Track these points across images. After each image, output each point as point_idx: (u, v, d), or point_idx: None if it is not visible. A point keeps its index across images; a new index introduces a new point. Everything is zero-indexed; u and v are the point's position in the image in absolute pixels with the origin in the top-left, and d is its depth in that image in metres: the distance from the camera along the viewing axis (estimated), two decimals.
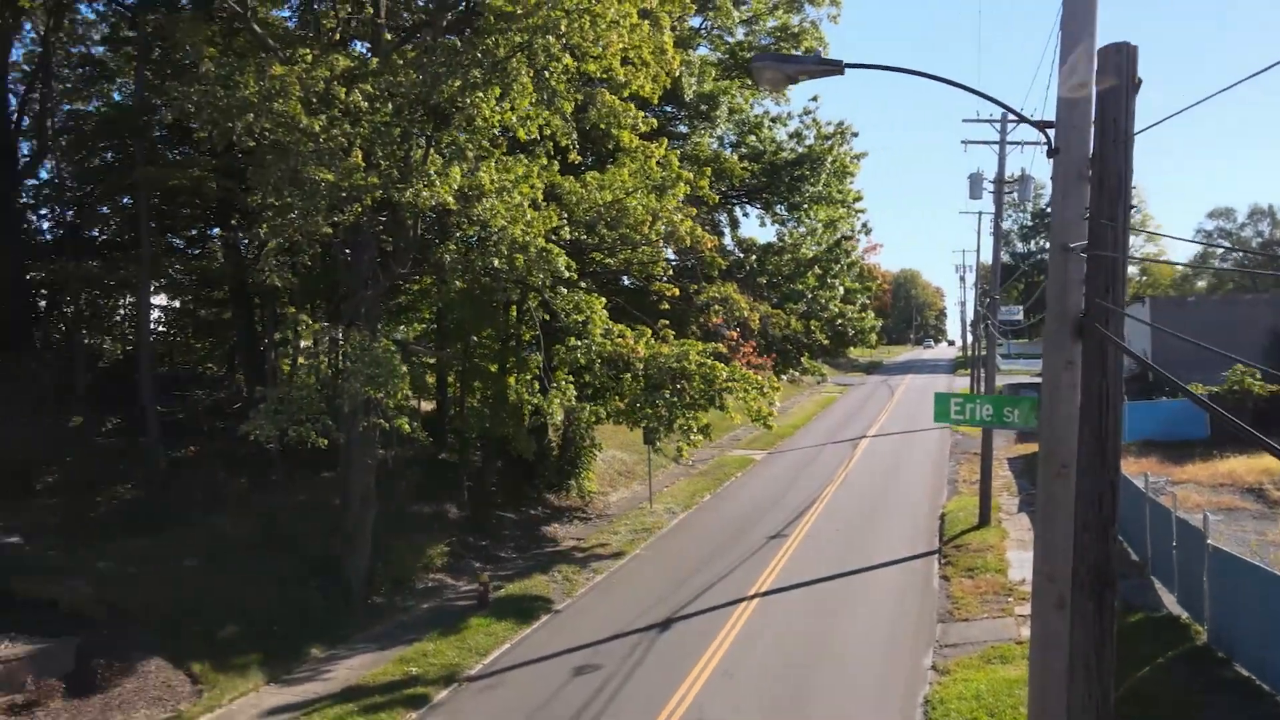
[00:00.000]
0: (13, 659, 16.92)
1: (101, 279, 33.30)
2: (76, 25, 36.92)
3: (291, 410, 18.35)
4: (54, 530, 22.56)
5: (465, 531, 29.20)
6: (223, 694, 17.90)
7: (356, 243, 23.63)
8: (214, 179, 27.33)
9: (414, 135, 21.24)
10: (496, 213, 21.53)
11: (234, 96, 19.33)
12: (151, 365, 29.13)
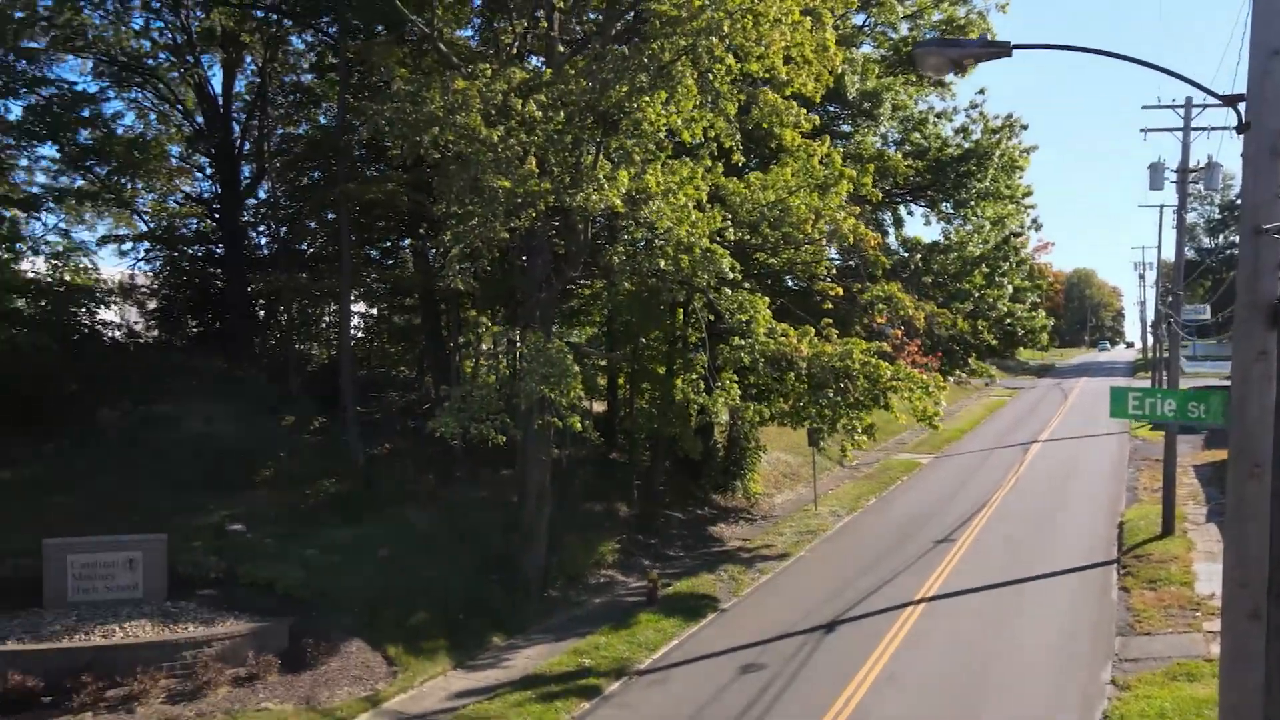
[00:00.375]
0: (237, 635, 18.06)
1: (309, 289, 35.32)
2: (289, 56, 39.38)
3: (473, 408, 18.76)
4: (270, 520, 23.91)
5: (634, 530, 29.28)
6: (414, 676, 18.48)
7: (531, 247, 24.01)
8: (405, 192, 28.38)
9: (584, 142, 21.37)
10: (662, 214, 21.36)
11: (421, 111, 20.03)
12: (352, 369, 30.55)
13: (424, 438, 31.58)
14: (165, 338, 39.49)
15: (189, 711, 16.31)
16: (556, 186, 20.02)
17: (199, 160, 41.28)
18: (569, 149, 20.88)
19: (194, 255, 42.18)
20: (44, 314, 30.30)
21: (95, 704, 16.15)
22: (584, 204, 20.05)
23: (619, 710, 17.27)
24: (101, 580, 18.90)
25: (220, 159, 38.71)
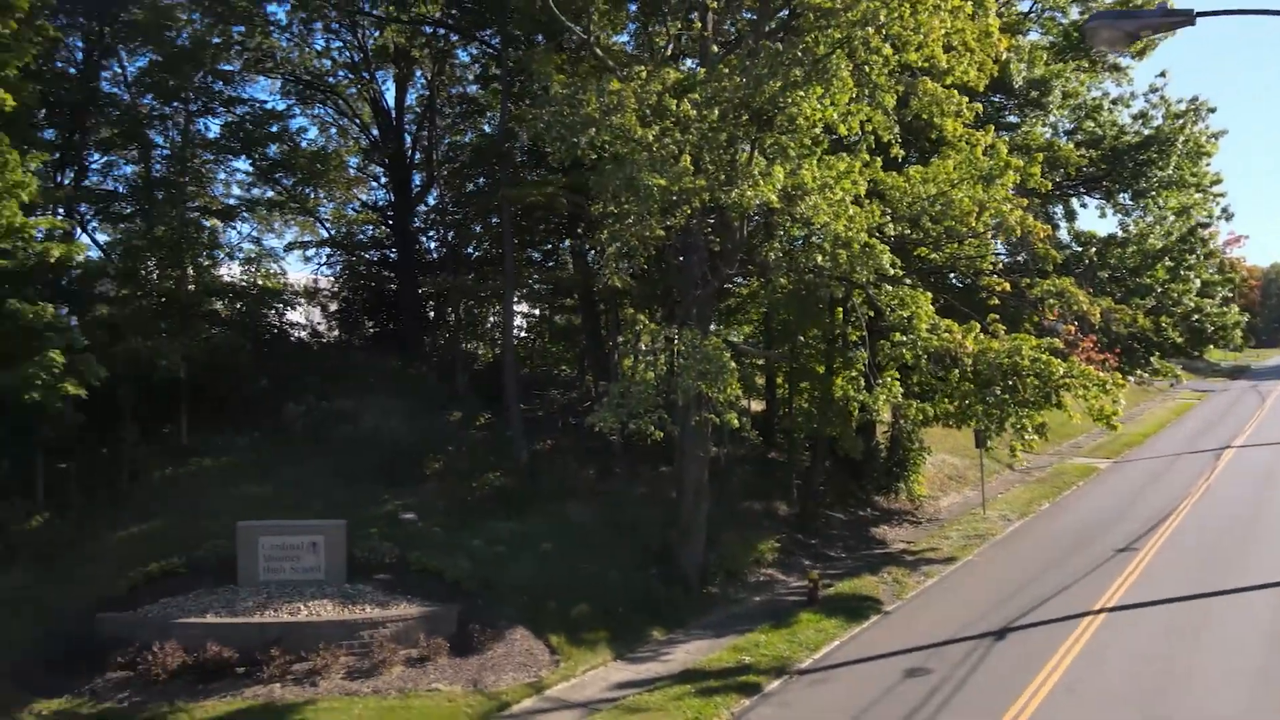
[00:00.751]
0: (410, 618, 18.97)
1: (474, 290, 36.67)
2: (455, 69, 41.11)
3: (630, 404, 18.97)
4: (439, 511, 24.97)
5: (794, 529, 28.98)
6: (576, 665, 18.88)
7: (687, 245, 24.10)
8: (564, 194, 29.07)
9: (739, 139, 21.28)
10: (819, 210, 20.97)
11: (578, 114, 20.46)
12: (515, 367, 31.49)
13: (584, 435, 32.22)
14: (345, 338, 41.95)
15: (366, 688, 17.20)
16: (711, 184, 20.02)
17: (374, 170, 43.77)
18: (723, 147, 20.84)
19: (370, 260, 44.68)
20: (239, 316, 32.67)
21: (283, 676, 17.28)
22: (739, 200, 19.95)
23: (780, 709, 17.07)
24: (288, 562, 20.19)
25: (393, 168, 40.84)
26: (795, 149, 21.18)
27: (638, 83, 20.82)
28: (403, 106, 41.16)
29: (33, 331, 21.69)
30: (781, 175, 20.19)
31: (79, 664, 17.68)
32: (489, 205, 33.43)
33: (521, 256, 37.42)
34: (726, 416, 19.94)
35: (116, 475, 25.97)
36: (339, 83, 41.06)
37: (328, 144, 42.42)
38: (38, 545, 22.06)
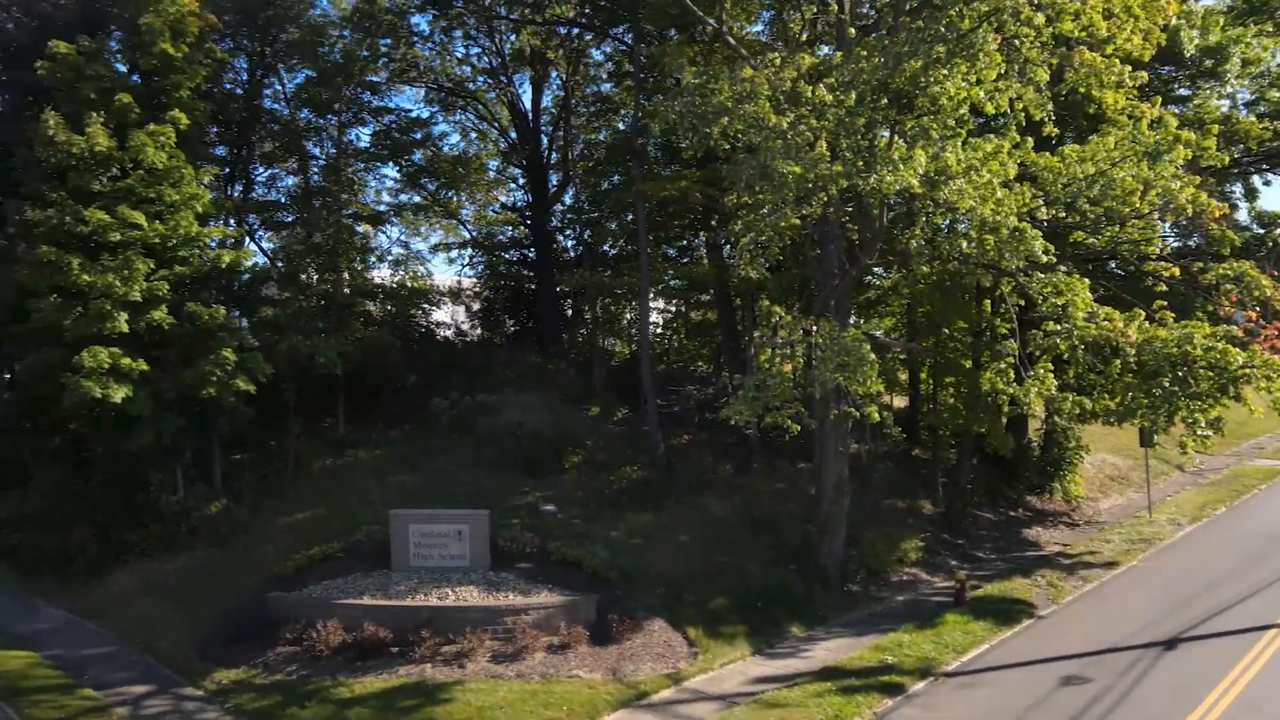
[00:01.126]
0: (551, 606, 19.62)
1: (611, 287, 37.35)
2: (589, 68, 41.93)
3: (766, 397, 18.98)
4: (578, 503, 25.66)
5: (939, 528, 28.33)
6: (714, 658, 19.09)
7: (824, 235, 23.88)
8: (697, 188, 29.26)
9: (877, 123, 20.89)
10: (964, 194, 20.32)
11: (709, 103, 20.59)
12: (651, 363, 31.87)
13: (721, 430, 32.40)
14: (487, 335, 43.51)
15: (510, 671, 17.90)
16: (848, 170, 19.69)
17: (513, 172, 45.25)
18: (861, 132, 20.48)
19: (509, 259, 46.18)
20: (389, 316, 34.37)
21: (433, 657, 18.19)
22: (877, 186, 19.51)
23: (924, 711, 16.79)
24: (436, 549, 21.19)
25: (531, 169, 42.10)
26: (938, 131, 20.64)
27: (771, 70, 20.77)
28: (539, 108, 42.39)
29: (208, 333, 23.55)
30: (923, 159, 19.71)
31: (252, 638, 19.16)
32: (624, 201, 33.95)
33: (657, 253, 37.89)
34: (866, 410, 19.68)
35: (282, 465, 27.88)
36: (478, 88, 42.74)
37: (468, 148, 44.18)
38: (216, 528, 23.96)
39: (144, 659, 19.20)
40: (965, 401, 29.28)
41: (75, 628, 21.19)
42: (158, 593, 22.00)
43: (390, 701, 16.59)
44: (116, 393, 21.25)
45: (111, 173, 23.33)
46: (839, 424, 23.28)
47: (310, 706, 16.46)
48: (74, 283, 21.71)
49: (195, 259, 23.95)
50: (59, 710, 16.38)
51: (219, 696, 17.33)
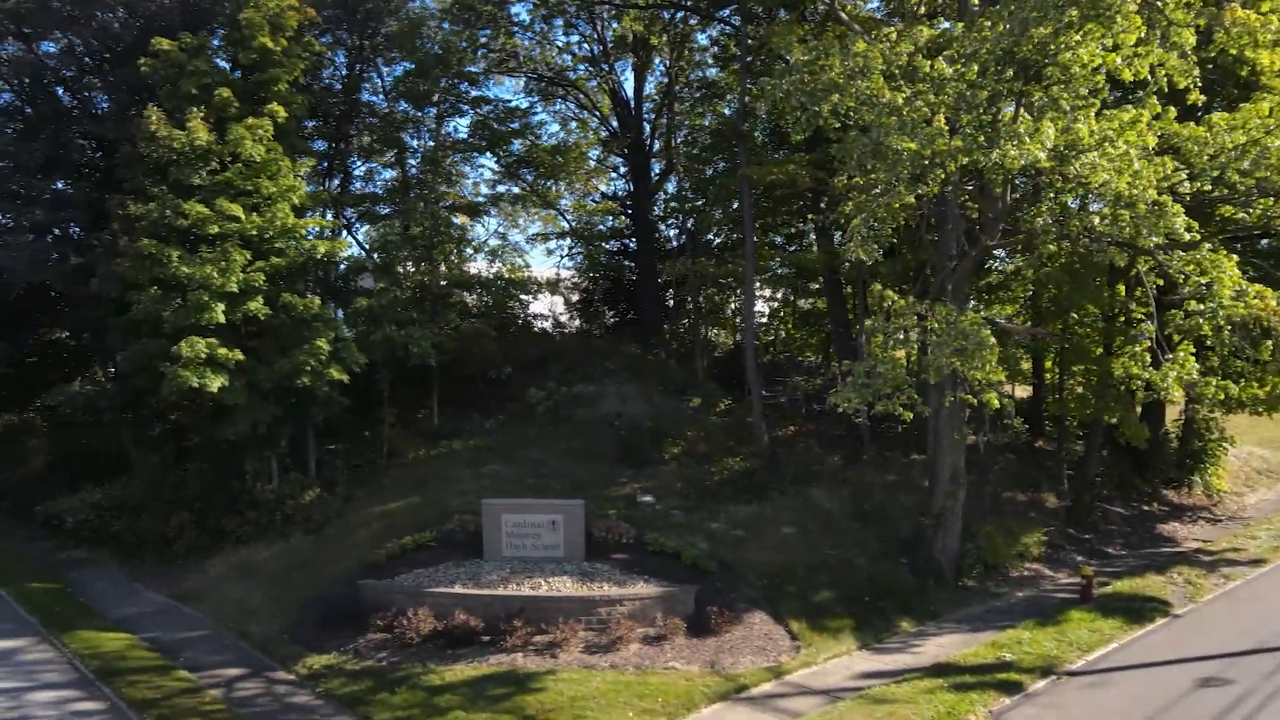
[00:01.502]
0: (646, 597, 19.60)
1: (715, 275, 37.16)
2: (694, 53, 41.79)
3: (877, 383, 18.51)
4: (677, 494, 25.60)
5: (1064, 523, 27.34)
6: (818, 652, 18.78)
7: (941, 215, 23.25)
8: (806, 171, 28.84)
9: (1002, 96, 20.09)
10: (1097, 168, 19.37)
11: (819, 81, 20.17)
12: (756, 352, 31.54)
13: (830, 421, 31.91)
14: (585, 327, 43.88)
15: (603, 662, 17.93)
16: (968, 145, 19.01)
17: (613, 161, 45.48)
18: (983, 106, 19.65)
19: (609, 250, 46.49)
20: (485, 307, 34.99)
21: (524, 646, 18.36)
22: (1000, 162, 18.77)
23: (1045, 710, 16.14)
24: (529, 539, 21.43)
25: (632, 156, 42.22)
26: (1069, 101, 19.66)
27: (886, 44, 20.25)
28: (641, 95, 42.46)
29: (303, 323, 24.37)
30: (1052, 132, 18.82)
31: (343, 625, 19.71)
32: (728, 188, 33.75)
33: (764, 241, 37.54)
34: (985, 397, 19.00)
35: (376, 455, 28.65)
36: (579, 77, 43.07)
37: (567, 137, 44.57)
38: (309, 516, 24.79)
39: (237, 643, 19.96)
40: (1095, 389, 28.11)
41: (172, 611, 22.18)
42: (252, 578, 22.87)
43: (480, 689, 16.80)
44: (213, 382, 22.15)
45: (211, 166, 24.34)
46: (954, 412, 22.64)
47: (400, 693, 16.81)
48: (173, 275, 22.69)
49: (291, 250, 24.79)
50: (155, 691, 17.10)
51: (310, 681, 17.86)
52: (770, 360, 42.14)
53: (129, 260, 23.45)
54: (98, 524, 26.80)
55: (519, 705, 16.12)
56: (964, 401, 21.41)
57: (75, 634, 20.09)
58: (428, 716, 15.80)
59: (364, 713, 16.33)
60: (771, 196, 33.55)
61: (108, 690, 17.21)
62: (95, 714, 16.36)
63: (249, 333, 24.80)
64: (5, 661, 18.76)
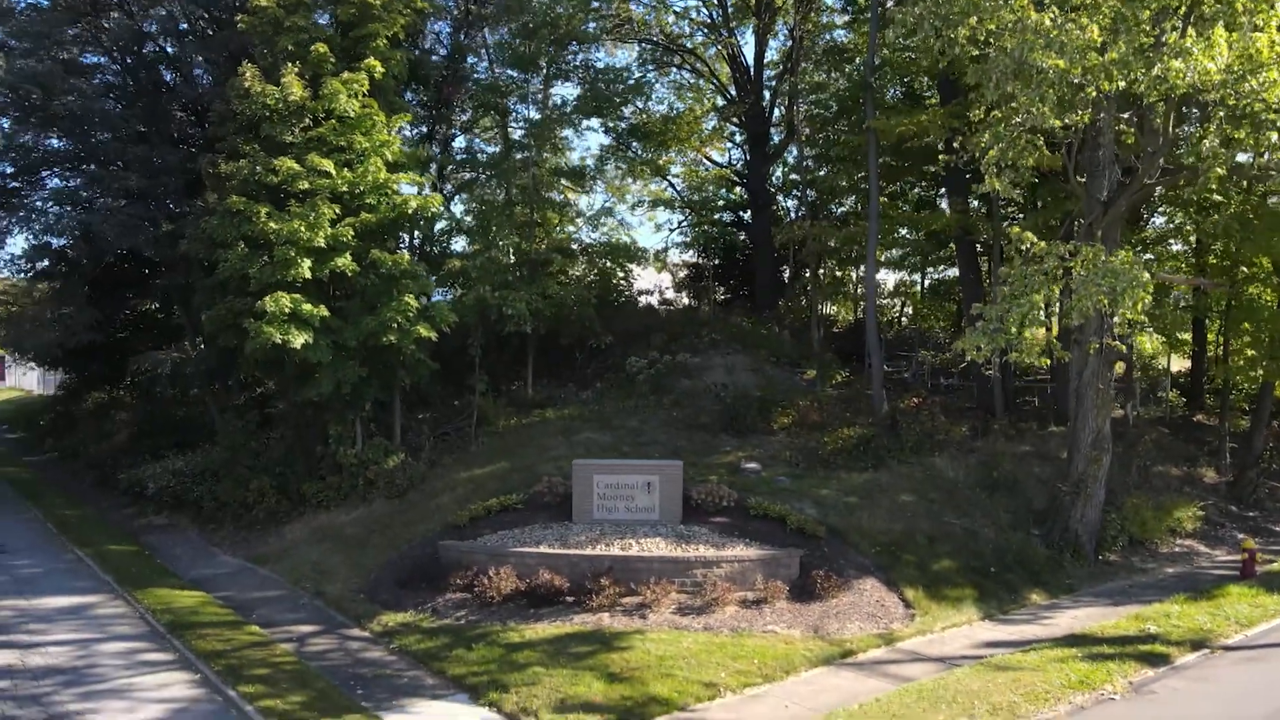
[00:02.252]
0: (746, 559, 19.32)
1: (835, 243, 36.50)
2: (820, 13, 41.10)
3: (1010, 329, 17.68)
4: (785, 463, 25.21)
5: (1224, 499, 26.09)
6: (934, 621, 18.19)
7: (1092, 151, 22.12)
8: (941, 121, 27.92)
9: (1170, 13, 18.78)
10: (1277, 84, 17.83)
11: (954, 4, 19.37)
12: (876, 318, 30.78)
13: (958, 395, 31.04)
14: (694, 303, 43.75)
15: (696, 624, 17.74)
16: (1123, 59, 17.86)
17: (729, 130, 45.18)
18: (1145, 28, 18.39)
19: (722, 221, 46.28)
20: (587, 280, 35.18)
21: (611, 607, 18.32)
22: (1163, 77, 17.53)
23: (1195, 684, 15.21)
24: (622, 501, 21.40)
25: (750, 126, 41.82)
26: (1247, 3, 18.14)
27: None
28: (762, 60, 41.97)
29: (391, 279, 24.98)
30: (1224, 46, 17.48)
31: (422, 584, 20.03)
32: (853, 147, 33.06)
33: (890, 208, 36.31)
34: (1136, 340, 18.01)
35: (465, 423, 29.14)
36: (696, 44, 42.91)
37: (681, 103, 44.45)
38: (392, 481, 25.36)
39: (313, 602, 20.52)
40: (1267, 350, 26.61)
41: (248, 573, 22.99)
42: (330, 541, 23.48)
43: (562, 647, 16.78)
44: (296, 338, 22.85)
45: (304, 124, 25.09)
46: (1098, 369, 21.59)
47: (477, 649, 16.93)
48: (261, 231, 23.49)
49: (383, 205, 25.36)
50: (225, 643, 17.65)
51: (384, 638, 18.17)
52: (895, 336, 41.22)
53: (217, 218, 24.45)
54: (178, 490, 28.01)
55: (602, 663, 16.06)
56: (1111, 350, 20.46)
57: (149, 591, 20.96)
58: (504, 671, 15.87)
59: (438, 668, 16.52)
60: (900, 152, 32.71)
61: (177, 643, 17.84)
62: (163, 664, 17.00)
63: (336, 294, 25.59)
64: (77, 615, 19.71)
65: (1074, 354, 22.11)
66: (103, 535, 26.73)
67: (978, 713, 13.92)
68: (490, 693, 15.20)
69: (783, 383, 31.13)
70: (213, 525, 26.91)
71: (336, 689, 15.69)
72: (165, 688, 15.87)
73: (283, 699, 14.95)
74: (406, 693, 15.61)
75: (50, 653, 17.29)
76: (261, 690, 15.31)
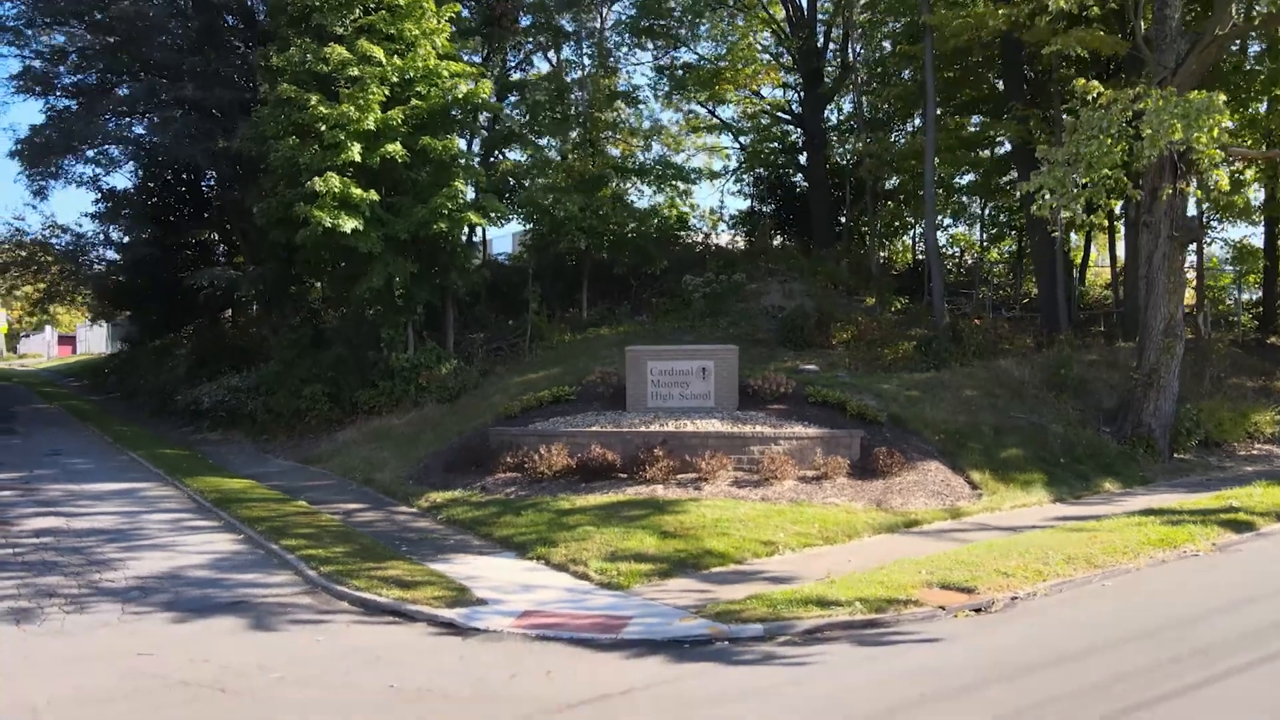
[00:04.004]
0: (805, 437, 18.47)
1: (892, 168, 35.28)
2: None
3: (1080, 171, 16.43)
4: (844, 367, 24.26)
5: None
6: (1002, 500, 17.30)
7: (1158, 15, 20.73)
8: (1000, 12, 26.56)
9: None
10: None
11: None
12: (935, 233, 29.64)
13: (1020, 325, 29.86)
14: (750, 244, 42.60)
15: (753, 495, 16.94)
16: None
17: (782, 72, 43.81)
18: None
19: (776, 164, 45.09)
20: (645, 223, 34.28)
21: (666, 479, 17.57)
22: None
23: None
24: (677, 388, 20.60)
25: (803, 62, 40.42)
26: None
27: None
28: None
29: (441, 166, 24.40)
30: None
31: (471, 467, 19.50)
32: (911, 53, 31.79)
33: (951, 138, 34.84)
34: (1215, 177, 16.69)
35: (519, 338, 28.57)
36: None
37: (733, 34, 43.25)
38: (445, 385, 24.86)
39: (361, 489, 20.27)
40: None
41: (298, 471, 22.87)
42: (381, 440, 23.16)
43: (614, 511, 16.07)
44: (346, 223, 22.41)
45: (354, 14, 24.72)
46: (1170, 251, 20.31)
47: (526, 514, 16.30)
48: (311, 119, 23.09)
49: (433, 94, 24.80)
50: (270, 512, 17.31)
51: (431, 511, 17.84)
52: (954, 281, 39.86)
53: (268, 108, 24.04)
54: (233, 404, 27.90)
55: (655, 523, 15.33)
56: (1184, 193, 19.07)
57: (198, 478, 20.87)
58: (553, 531, 15.23)
59: (484, 531, 16.01)
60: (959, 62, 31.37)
61: (223, 513, 17.59)
62: (208, 528, 16.70)
63: (389, 193, 25.09)
64: (127, 496, 19.63)
65: (1143, 238, 20.93)
66: (155, 444, 26.71)
67: (1052, 560, 13.00)
68: (538, 548, 14.61)
69: (841, 306, 30.14)
70: (266, 436, 26.81)
71: (380, 544, 15.26)
72: (209, 544, 15.55)
73: (325, 549, 14.49)
74: (452, 549, 15.12)
75: (97, 520, 17.13)
76: (304, 543, 14.93)
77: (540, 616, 11.58)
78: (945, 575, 12.47)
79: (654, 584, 12.87)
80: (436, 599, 12.06)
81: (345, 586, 12.65)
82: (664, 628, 11.10)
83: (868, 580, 12.33)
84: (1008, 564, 12.87)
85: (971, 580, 12.22)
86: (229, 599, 12.38)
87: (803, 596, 11.69)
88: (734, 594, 12.09)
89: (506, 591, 12.70)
